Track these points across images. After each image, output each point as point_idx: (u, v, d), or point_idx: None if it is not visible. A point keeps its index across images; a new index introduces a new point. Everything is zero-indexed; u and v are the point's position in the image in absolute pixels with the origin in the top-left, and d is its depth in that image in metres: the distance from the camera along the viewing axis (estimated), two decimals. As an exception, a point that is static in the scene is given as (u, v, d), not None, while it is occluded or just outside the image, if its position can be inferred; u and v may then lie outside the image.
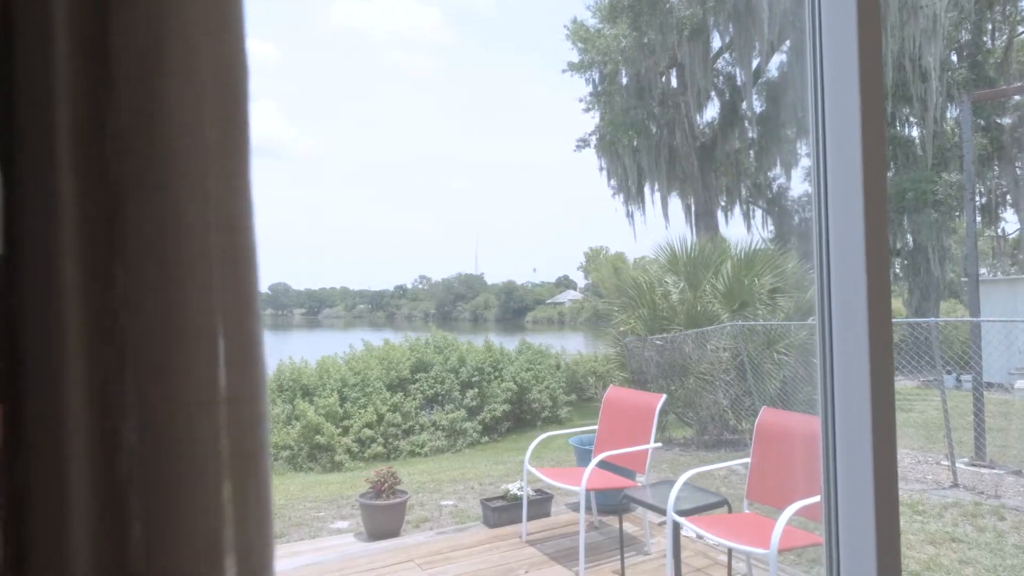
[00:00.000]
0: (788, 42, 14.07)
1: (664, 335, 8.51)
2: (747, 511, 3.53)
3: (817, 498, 2.98)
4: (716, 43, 14.54)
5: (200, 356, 0.29)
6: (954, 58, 14.20)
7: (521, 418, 11.25)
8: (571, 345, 15.45)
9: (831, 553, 1.13)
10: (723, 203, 15.70)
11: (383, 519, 4.31)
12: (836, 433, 1.12)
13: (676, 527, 3.25)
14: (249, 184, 0.31)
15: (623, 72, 14.97)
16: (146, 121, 0.28)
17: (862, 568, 1.07)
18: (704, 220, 14.64)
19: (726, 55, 14.93)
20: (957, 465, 5.88)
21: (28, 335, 0.27)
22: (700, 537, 4.02)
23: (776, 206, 15.92)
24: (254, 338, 0.30)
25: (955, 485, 5.65)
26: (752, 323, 8.01)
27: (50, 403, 0.27)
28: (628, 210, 15.57)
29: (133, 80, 0.28)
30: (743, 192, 15.65)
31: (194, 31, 0.29)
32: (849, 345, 1.10)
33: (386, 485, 4.32)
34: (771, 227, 16.18)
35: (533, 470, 4.07)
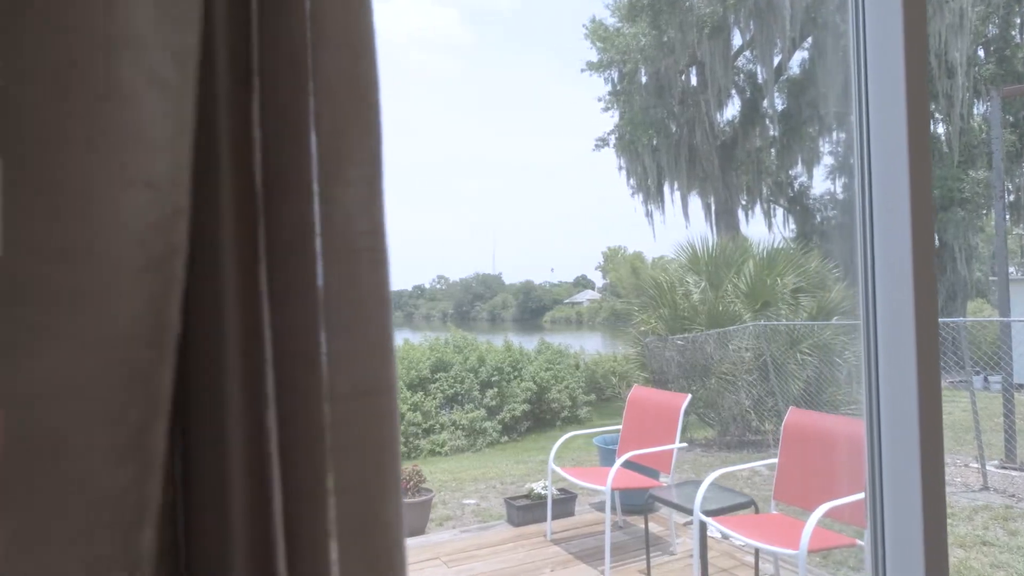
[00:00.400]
0: (810, 39, 13.92)
1: (685, 335, 8.46)
2: (774, 512, 3.51)
3: (846, 499, 2.96)
4: (736, 41, 14.43)
5: (342, 349, 0.31)
6: (981, 53, 13.94)
7: (540, 418, 11.25)
8: (589, 345, 15.40)
9: (876, 554, 1.13)
10: (744, 202, 15.56)
11: (408, 516, 4.35)
12: (882, 434, 1.12)
13: (703, 527, 3.24)
14: (383, 188, 0.33)
15: (642, 71, 14.90)
16: (291, 131, 0.30)
17: (910, 570, 1.07)
18: (724, 219, 14.53)
19: (747, 53, 14.81)
20: (987, 468, 5.79)
21: (194, 330, 0.29)
22: (726, 537, 4.01)
23: (797, 205, 15.75)
24: (388, 332, 0.32)
25: (985, 488, 5.56)
26: (775, 323, 7.94)
27: (214, 394, 0.29)
28: (647, 209, 15.51)
29: (280, 93, 0.30)
30: (764, 191, 15.51)
31: (332, 48, 0.31)
32: (895, 345, 1.10)
33: (411, 483, 4.36)
34: (792, 226, 16.01)
35: (558, 469, 4.08)
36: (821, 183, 15.54)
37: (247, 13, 0.29)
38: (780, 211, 15.98)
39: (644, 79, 15.00)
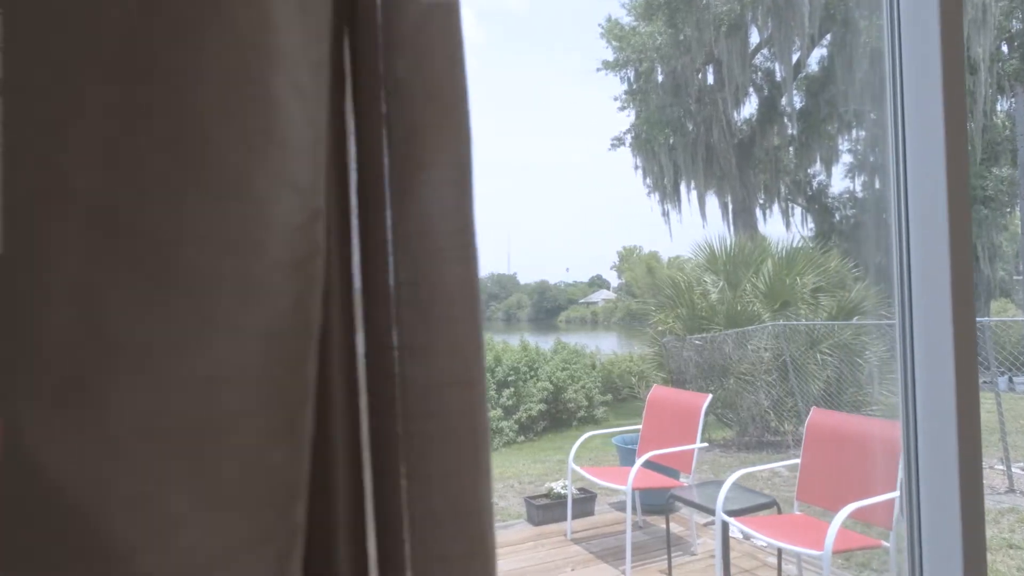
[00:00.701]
0: (829, 36, 13.77)
1: (703, 335, 8.42)
2: (796, 512, 3.48)
3: (872, 499, 2.94)
4: (754, 38, 14.32)
5: (436, 342, 0.32)
6: (1004, 48, 13.71)
7: (557, 417, 11.25)
8: (605, 345, 15.36)
9: (913, 555, 1.13)
10: (761, 201, 15.44)
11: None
12: (919, 435, 1.12)
13: (725, 527, 3.24)
14: (472, 189, 0.35)
15: (658, 69, 14.84)
16: (403, 148, 0.32)
17: (948, 571, 1.07)
18: (742, 218, 14.43)
19: (764, 50, 14.69)
20: (1013, 470, 5.70)
21: (330, 319, 0.31)
22: (747, 538, 3.99)
23: (816, 203, 15.59)
24: (478, 327, 0.34)
25: (1011, 490, 5.48)
26: (794, 323, 7.88)
27: (322, 384, 0.31)
28: (664, 209, 15.44)
29: (378, 100, 0.32)
30: (782, 189, 15.37)
31: (427, 58, 0.33)
32: (932, 345, 1.10)
33: (431, 482, 4.39)
34: (811, 225, 15.85)
35: (578, 468, 4.09)
36: (840, 181, 15.37)
37: (367, 27, 0.31)
38: (798, 210, 15.83)
39: (660, 78, 14.94)
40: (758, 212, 15.29)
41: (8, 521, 0.22)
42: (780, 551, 3.43)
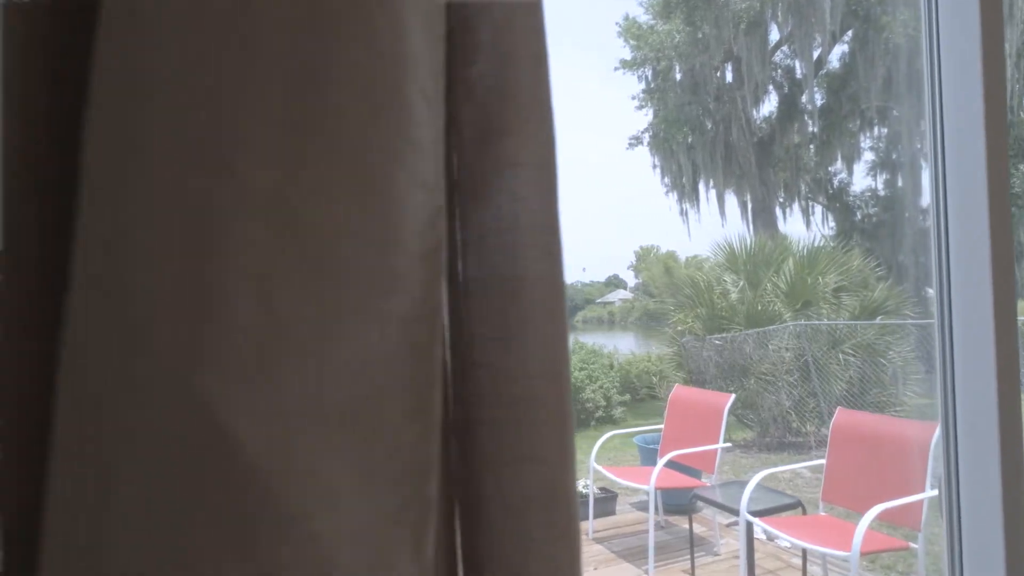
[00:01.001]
0: (850, 32, 13.61)
1: (723, 335, 8.37)
2: (822, 513, 3.46)
3: (900, 500, 2.91)
4: (774, 35, 14.18)
5: (540, 332, 0.34)
6: (1031, 44, 13.44)
7: (576, 417, 11.24)
8: (622, 345, 15.31)
9: (953, 555, 1.12)
10: (781, 199, 15.30)
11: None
12: (959, 435, 1.11)
13: (750, 527, 3.22)
14: (557, 187, 0.36)
15: (677, 68, 14.76)
16: (492, 147, 0.33)
17: (990, 571, 1.06)
18: (762, 217, 14.31)
19: (784, 47, 14.55)
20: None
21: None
22: (771, 539, 3.96)
23: (837, 202, 15.41)
24: (564, 321, 0.35)
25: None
26: (816, 323, 7.80)
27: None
28: (682, 208, 15.35)
29: (488, 110, 0.33)
30: (802, 188, 15.21)
31: (517, 60, 0.34)
32: (973, 346, 1.09)
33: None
34: (832, 224, 15.67)
35: (600, 468, 4.09)
36: (862, 179, 15.19)
37: (456, 27, 0.32)
38: (819, 208, 15.66)
39: (679, 76, 14.86)
40: (778, 211, 15.16)
41: (204, 482, 0.24)
42: (805, 552, 3.40)
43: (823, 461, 3.49)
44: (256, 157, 0.25)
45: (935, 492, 2.95)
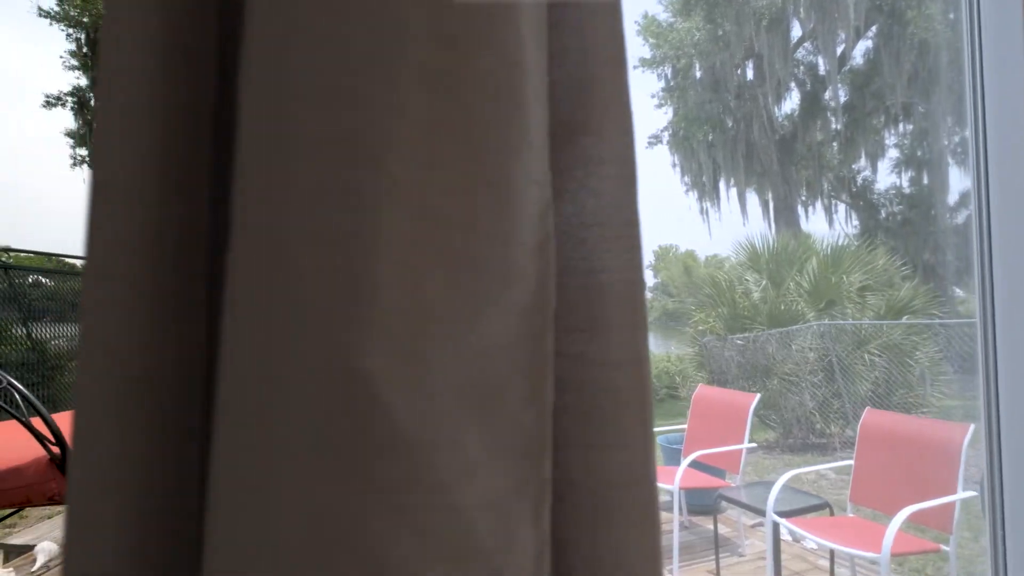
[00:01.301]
0: (875, 27, 13.41)
1: (745, 335, 8.30)
2: (850, 514, 3.42)
3: (933, 502, 2.87)
4: (796, 32, 14.03)
5: (621, 322, 0.35)
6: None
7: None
8: (642, 344, 15.17)
9: (996, 554, 1.11)
10: (803, 197, 15.13)
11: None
12: (1001, 435, 1.10)
13: (776, 528, 3.20)
14: (636, 184, 0.37)
15: (697, 66, 14.66)
16: (579, 144, 0.35)
17: (1035, 570, 1.05)
18: (784, 216, 14.16)
19: (807, 44, 14.38)
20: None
21: None
22: (797, 540, 3.93)
23: (861, 200, 15.20)
24: (644, 310, 0.37)
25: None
26: (841, 322, 7.71)
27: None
28: (702, 207, 15.25)
29: (573, 108, 0.34)
30: (825, 186, 15.03)
31: (599, 63, 0.36)
32: (1017, 345, 1.08)
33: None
34: (855, 222, 15.46)
35: (623, 468, 4.08)
36: (886, 177, 14.96)
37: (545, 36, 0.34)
38: (842, 207, 15.45)
39: (699, 74, 14.76)
40: (800, 209, 14.99)
41: (363, 451, 0.26)
42: (832, 553, 3.37)
43: (849, 462, 3.46)
44: (401, 154, 0.27)
45: (968, 494, 2.90)
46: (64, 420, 1.68)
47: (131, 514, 0.29)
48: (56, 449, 1.33)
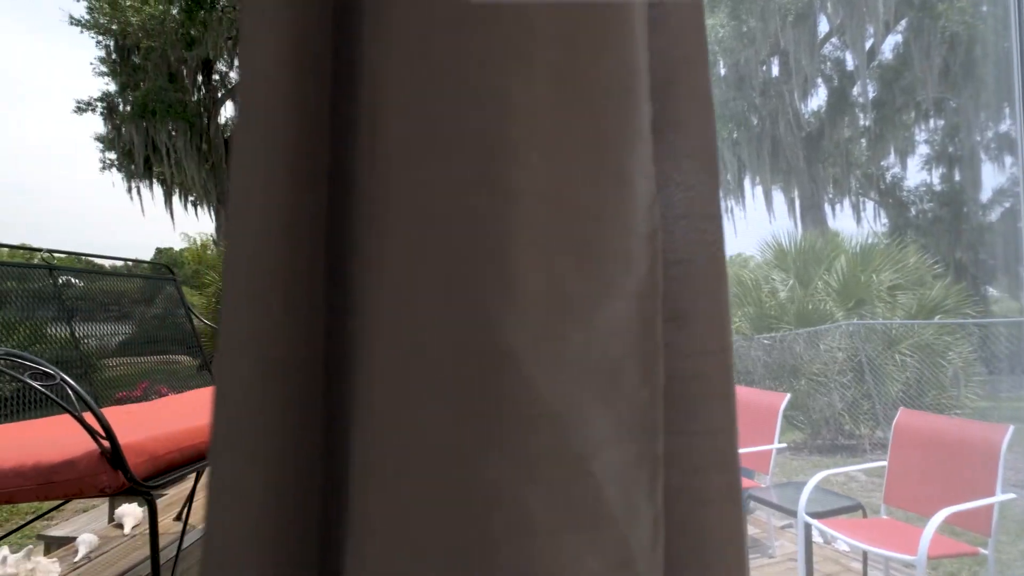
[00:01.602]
0: (905, 21, 13.15)
1: (772, 334, 8.21)
2: (884, 516, 3.37)
3: (972, 504, 2.82)
4: (823, 27, 13.82)
5: (708, 312, 0.36)
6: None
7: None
8: (665, 344, 15.06)
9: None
10: (830, 195, 14.90)
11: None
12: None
13: (808, 529, 3.16)
14: (719, 180, 0.39)
15: (721, 63, 14.52)
16: (669, 140, 0.36)
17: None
18: (810, 214, 13.96)
19: (834, 39, 14.16)
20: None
21: None
22: (827, 542, 3.88)
23: (890, 197, 14.92)
24: (728, 302, 0.38)
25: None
26: (871, 322, 7.58)
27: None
28: (727, 205, 15.08)
29: (664, 106, 0.36)
30: (853, 184, 14.78)
31: (687, 66, 0.37)
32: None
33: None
34: (884, 220, 15.19)
35: (651, 467, 4.07)
36: (916, 174, 14.68)
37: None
38: (870, 204, 15.19)
39: (723, 71, 14.61)
40: (827, 207, 14.76)
41: (513, 425, 0.28)
42: (866, 555, 3.33)
43: (882, 463, 3.40)
44: (538, 147, 0.29)
45: (1007, 496, 2.85)
46: (111, 414, 1.73)
47: (271, 477, 0.31)
48: (106, 443, 1.36)
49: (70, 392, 1.42)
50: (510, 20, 0.28)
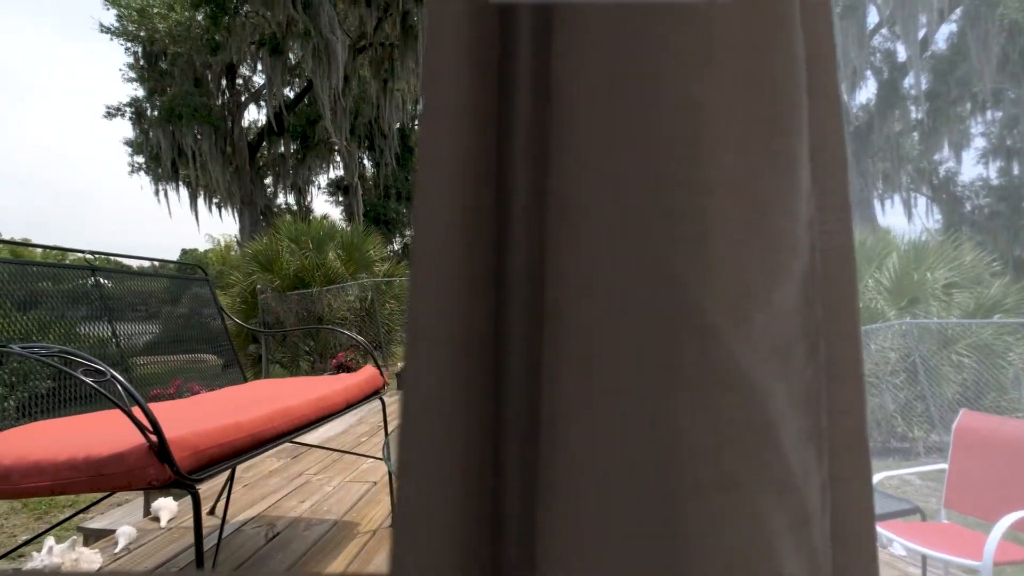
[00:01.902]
0: (960, 9, 12.67)
1: (820, 333, 8.02)
2: (944, 520, 3.27)
3: (1040, 510, 2.72)
4: (872, 18, 13.43)
5: (841, 298, 0.38)
6: None
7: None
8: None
9: None
10: (879, 191, 14.47)
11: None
12: None
13: (864, 533, 3.09)
14: (848, 176, 0.40)
15: (765, 57, 14.22)
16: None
17: None
18: (859, 210, 13.59)
19: (884, 30, 13.73)
20: None
21: None
22: (883, 546, 3.78)
23: (943, 192, 14.40)
24: (857, 287, 0.39)
25: None
26: (925, 321, 7.35)
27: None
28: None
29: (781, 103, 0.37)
30: (904, 179, 14.32)
31: (818, 67, 0.38)
32: None
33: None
34: (937, 216, 14.68)
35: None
36: (971, 168, 14.14)
37: None
38: (922, 200, 14.69)
39: (767, 65, 14.30)
40: (876, 203, 14.34)
41: (716, 389, 0.30)
42: (925, 560, 3.24)
43: (941, 466, 3.31)
44: (728, 146, 0.31)
45: (1080, 501, 2.74)
46: (158, 410, 1.78)
47: (456, 445, 0.34)
48: (154, 437, 1.38)
49: (119, 388, 1.46)
50: (694, 32, 0.30)
